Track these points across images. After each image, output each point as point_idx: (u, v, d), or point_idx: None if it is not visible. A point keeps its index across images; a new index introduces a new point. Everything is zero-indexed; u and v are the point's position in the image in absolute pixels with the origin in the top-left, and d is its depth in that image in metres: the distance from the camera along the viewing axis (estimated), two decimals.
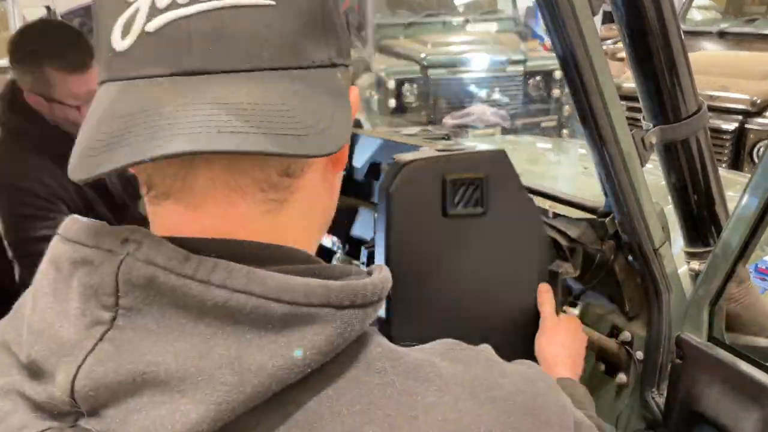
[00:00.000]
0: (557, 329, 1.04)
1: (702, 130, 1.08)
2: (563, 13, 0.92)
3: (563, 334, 1.03)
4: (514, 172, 1.01)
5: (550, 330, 1.03)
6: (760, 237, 0.93)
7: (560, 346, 1.01)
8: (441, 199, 0.95)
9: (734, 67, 4.06)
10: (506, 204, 1.01)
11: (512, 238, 1.04)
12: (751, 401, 0.94)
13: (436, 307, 0.98)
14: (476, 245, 1.00)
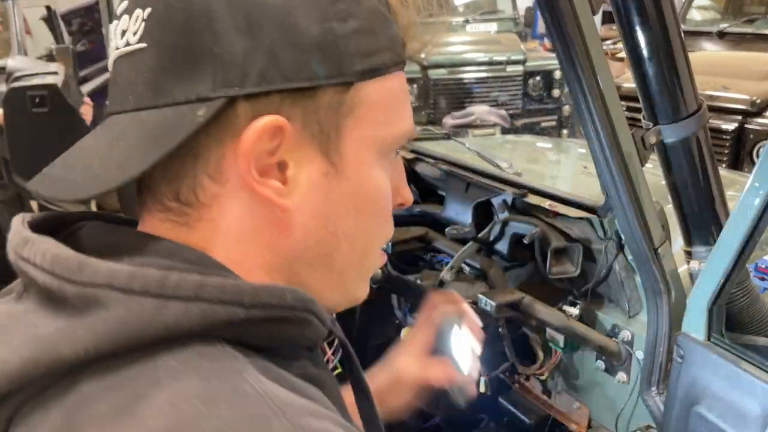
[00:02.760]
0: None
1: (702, 129, 1.08)
2: (563, 14, 0.92)
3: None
4: None
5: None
6: (759, 236, 0.93)
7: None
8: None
9: (734, 67, 4.06)
10: None
11: None
12: (751, 401, 0.94)
13: None
14: None
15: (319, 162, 0.50)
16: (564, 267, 1.25)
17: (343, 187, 0.52)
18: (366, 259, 0.57)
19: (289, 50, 0.47)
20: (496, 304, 1.24)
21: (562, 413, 1.43)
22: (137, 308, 0.42)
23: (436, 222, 1.61)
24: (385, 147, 0.54)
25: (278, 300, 0.46)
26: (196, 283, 0.43)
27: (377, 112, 0.52)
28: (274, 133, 0.47)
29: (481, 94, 5.64)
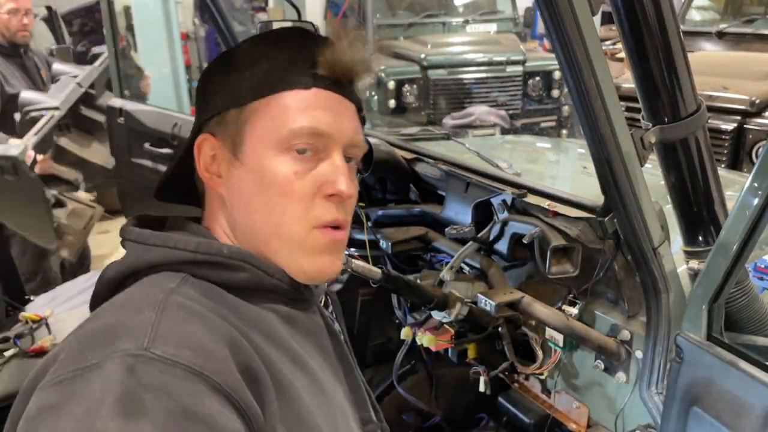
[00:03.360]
0: None
1: (701, 130, 1.08)
2: (563, 14, 0.93)
3: None
4: None
5: None
6: (759, 236, 0.93)
7: None
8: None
9: (733, 67, 4.06)
10: None
11: None
12: (751, 400, 0.94)
13: None
14: None
15: (230, 160, 0.79)
16: (563, 267, 1.25)
17: (246, 175, 0.77)
18: (284, 232, 0.77)
19: (211, 97, 0.82)
20: (496, 304, 1.24)
21: (562, 412, 1.43)
22: (137, 250, 0.75)
23: (436, 222, 1.61)
24: (280, 142, 0.76)
25: (216, 250, 0.75)
26: (165, 237, 0.75)
27: (266, 119, 0.77)
28: (210, 146, 0.80)
29: (480, 95, 5.64)
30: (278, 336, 0.75)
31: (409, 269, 1.64)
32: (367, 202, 1.78)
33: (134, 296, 0.70)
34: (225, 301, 0.72)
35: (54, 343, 1.52)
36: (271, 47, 0.80)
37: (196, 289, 0.71)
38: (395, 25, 6.50)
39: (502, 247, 1.39)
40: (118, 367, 0.57)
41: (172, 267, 0.73)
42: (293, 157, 0.76)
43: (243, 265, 0.75)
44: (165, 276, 0.72)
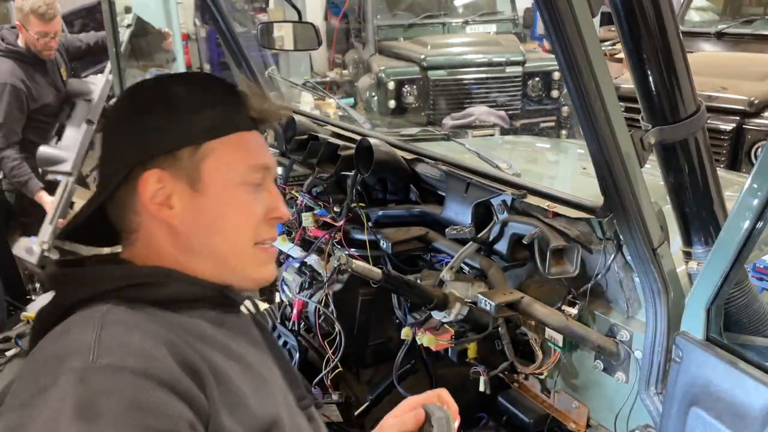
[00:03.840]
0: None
1: (700, 130, 1.08)
2: (562, 15, 0.93)
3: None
4: None
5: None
6: (758, 237, 0.93)
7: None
8: None
9: (732, 67, 4.06)
10: None
11: None
12: (749, 400, 0.95)
13: None
14: None
15: (187, 191, 0.86)
16: (563, 267, 1.26)
17: (207, 202, 0.86)
18: (240, 249, 0.89)
19: (150, 135, 0.87)
20: (496, 304, 1.25)
21: (561, 412, 1.44)
22: (62, 291, 0.82)
23: (436, 222, 1.61)
24: (241, 175, 0.88)
25: (135, 273, 0.83)
26: (88, 273, 0.84)
27: (226, 155, 0.87)
28: (158, 180, 0.85)
29: (480, 95, 5.64)
30: (210, 336, 0.83)
31: (409, 269, 1.64)
32: (367, 202, 1.78)
33: (72, 324, 0.76)
34: (156, 316, 0.79)
35: None
36: (212, 94, 0.91)
37: (127, 309, 0.78)
38: (395, 26, 6.50)
39: (502, 248, 1.39)
40: (71, 381, 0.65)
41: (100, 300, 0.78)
42: (247, 187, 0.89)
43: (165, 280, 0.84)
44: (94, 308, 0.77)
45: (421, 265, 1.67)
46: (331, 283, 1.74)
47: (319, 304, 1.76)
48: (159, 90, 0.91)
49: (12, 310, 1.84)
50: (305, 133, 1.99)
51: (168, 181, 0.86)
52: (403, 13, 6.67)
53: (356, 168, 1.70)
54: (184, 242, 0.87)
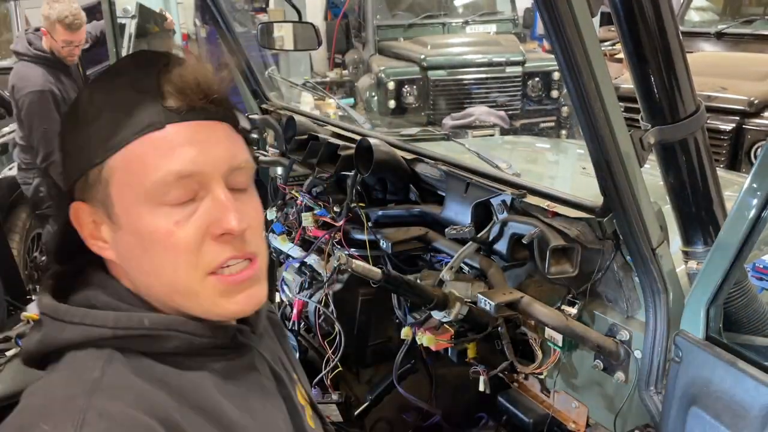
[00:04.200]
0: None
1: (700, 130, 1.08)
2: (562, 15, 0.93)
3: None
4: None
5: None
6: (757, 237, 0.94)
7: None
8: None
9: (732, 67, 4.06)
10: None
11: None
12: (749, 400, 0.95)
13: None
14: None
15: (108, 223, 0.73)
16: (563, 267, 1.26)
17: (126, 237, 0.72)
18: (181, 286, 0.72)
19: (66, 160, 0.74)
20: (495, 304, 1.25)
21: (561, 412, 1.44)
22: (53, 327, 0.71)
23: (436, 222, 1.61)
24: (149, 196, 0.70)
25: (137, 323, 0.70)
26: (82, 313, 0.70)
27: (127, 174, 0.70)
28: (80, 212, 0.74)
29: (480, 95, 5.64)
30: (210, 405, 0.71)
31: (409, 269, 1.64)
32: (367, 202, 1.78)
33: (56, 397, 0.65)
34: (154, 375, 0.69)
35: None
36: (111, 90, 0.72)
37: (121, 369, 0.68)
38: (395, 26, 6.51)
39: (502, 248, 1.39)
40: None
41: (94, 345, 0.69)
42: (169, 207, 0.70)
43: (169, 333, 0.71)
44: (88, 357, 0.68)
45: (421, 265, 1.67)
46: (331, 283, 1.74)
47: (319, 304, 1.76)
48: (77, 98, 0.75)
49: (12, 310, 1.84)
50: (305, 133, 1.99)
51: (92, 213, 0.73)
52: (403, 13, 6.67)
53: (356, 168, 1.70)
54: (131, 279, 0.75)
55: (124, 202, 0.70)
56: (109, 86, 0.74)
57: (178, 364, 0.72)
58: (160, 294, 0.73)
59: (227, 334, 0.76)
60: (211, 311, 0.74)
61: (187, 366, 0.72)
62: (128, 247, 0.72)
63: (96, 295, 0.74)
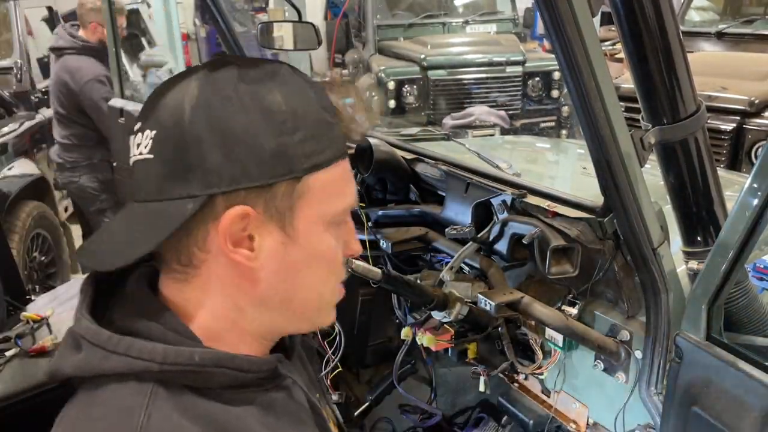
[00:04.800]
0: None
1: (700, 130, 1.08)
2: (562, 15, 0.93)
3: None
4: None
5: None
6: (758, 237, 0.93)
7: None
8: None
9: (733, 67, 4.06)
10: None
11: None
12: (750, 400, 0.95)
13: None
14: None
15: (277, 234, 0.71)
16: (563, 267, 1.26)
17: (297, 251, 0.73)
18: (322, 300, 0.79)
19: (252, 160, 0.67)
20: (496, 304, 1.25)
21: (561, 412, 1.44)
22: (94, 353, 0.67)
23: (436, 222, 1.61)
24: (330, 219, 0.74)
25: (187, 359, 0.68)
26: (127, 343, 0.67)
27: (322, 195, 0.72)
28: (242, 218, 0.68)
29: (480, 95, 5.64)
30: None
31: (409, 269, 1.64)
32: (367, 202, 1.78)
33: (103, 417, 0.65)
34: (199, 413, 0.68)
35: (55, 343, 1.52)
36: (306, 102, 0.71)
37: (167, 409, 0.66)
38: (395, 26, 6.51)
39: (502, 248, 1.39)
40: None
41: (137, 378, 0.67)
42: (335, 229, 0.76)
43: (215, 370, 0.70)
44: (131, 394, 0.66)
45: (421, 265, 1.67)
46: None
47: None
48: (265, 98, 0.69)
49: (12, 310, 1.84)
50: None
51: (254, 220, 0.69)
52: (403, 13, 6.67)
53: (356, 168, 1.70)
54: (261, 293, 0.73)
55: (309, 218, 0.72)
56: (300, 97, 0.71)
57: (221, 399, 0.71)
58: (295, 308, 0.77)
59: (270, 367, 0.76)
60: (324, 322, 0.81)
61: (231, 400, 0.71)
62: (293, 260, 0.73)
63: (139, 320, 0.71)
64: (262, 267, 0.72)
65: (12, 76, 4.11)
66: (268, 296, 0.74)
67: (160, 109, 0.69)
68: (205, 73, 0.71)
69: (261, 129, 0.68)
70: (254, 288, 0.73)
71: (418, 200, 1.74)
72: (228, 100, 0.68)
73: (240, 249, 0.70)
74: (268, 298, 0.74)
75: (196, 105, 0.68)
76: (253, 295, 0.74)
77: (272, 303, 0.75)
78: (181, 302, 0.73)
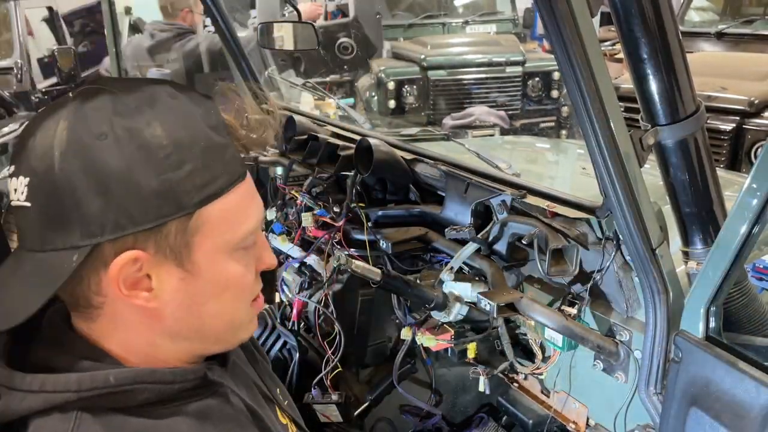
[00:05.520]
0: None
1: (700, 130, 1.08)
2: (562, 15, 0.93)
3: None
4: None
5: None
6: (757, 237, 0.93)
7: None
8: None
9: (732, 67, 4.06)
10: None
11: None
12: (750, 400, 0.95)
13: None
14: None
15: (176, 271, 0.69)
16: (562, 267, 1.26)
17: (200, 284, 0.71)
18: (235, 323, 0.77)
19: (134, 203, 0.63)
20: (496, 305, 1.25)
21: (561, 412, 1.44)
22: (11, 398, 0.67)
23: (436, 222, 1.61)
24: (233, 246, 0.71)
25: (103, 382, 0.67)
26: (40, 380, 0.66)
27: (221, 225, 0.69)
28: (134, 262, 0.66)
29: (480, 95, 5.64)
30: None
31: (409, 269, 1.64)
32: (367, 202, 1.78)
33: None
34: (131, 428, 0.68)
35: None
36: (188, 128, 0.66)
37: (92, 429, 0.66)
38: (395, 26, 6.51)
39: (502, 248, 1.39)
40: None
41: (59, 410, 0.66)
42: (242, 252, 0.73)
43: (136, 387, 0.69)
44: (55, 424, 0.66)
45: (421, 265, 1.67)
46: (330, 283, 1.74)
47: (318, 304, 1.76)
48: (140, 134, 0.64)
49: None
50: (305, 133, 1.99)
51: (147, 262, 0.67)
52: (403, 13, 6.67)
53: (356, 168, 1.70)
54: (169, 327, 0.73)
55: (209, 250, 0.69)
56: (185, 124, 0.66)
57: (150, 414, 0.70)
58: (209, 335, 0.76)
59: (197, 375, 0.75)
60: (242, 338, 0.80)
61: (159, 414, 0.70)
62: (196, 293, 0.71)
63: (53, 354, 0.71)
64: (166, 304, 0.70)
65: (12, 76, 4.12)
66: (178, 329, 0.73)
67: (30, 154, 0.64)
68: (75, 106, 0.64)
69: (141, 168, 0.63)
70: (161, 323, 0.72)
71: (418, 200, 1.74)
72: (102, 138, 0.62)
73: (137, 291, 0.69)
74: (178, 330, 0.73)
75: (66, 150, 0.62)
76: (162, 330, 0.73)
77: (184, 333, 0.74)
78: (93, 334, 0.73)
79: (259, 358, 0.99)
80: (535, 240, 1.27)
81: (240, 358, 0.91)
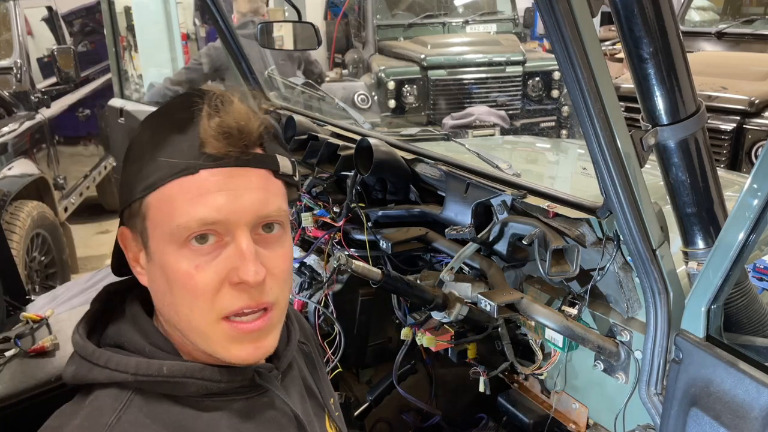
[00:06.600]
0: None
1: (700, 130, 1.08)
2: (562, 15, 0.93)
3: None
4: None
5: None
6: (758, 237, 0.93)
7: None
8: None
9: (733, 67, 4.06)
10: None
11: None
12: (750, 400, 0.95)
13: None
14: None
15: (143, 253, 0.78)
16: (563, 267, 1.25)
17: (156, 270, 0.76)
18: (194, 326, 0.76)
19: (122, 186, 0.79)
20: (496, 305, 1.25)
21: (561, 413, 1.43)
22: (82, 366, 0.77)
23: (436, 222, 1.61)
24: (174, 237, 0.73)
25: (156, 371, 0.74)
26: (107, 357, 0.76)
27: (158, 213, 0.74)
28: (123, 237, 0.81)
29: (480, 95, 5.64)
30: None
31: (409, 269, 1.64)
32: (367, 202, 1.78)
33: (80, 418, 0.73)
34: (170, 419, 0.74)
35: (54, 343, 1.52)
36: (157, 130, 0.76)
37: (137, 414, 0.73)
38: (395, 26, 6.51)
39: (502, 248, 1.39)
40: None
41: (118, 386, 0.75)
42: (192, 250, 0.72)
43: (186, 381, 0.76)
44: (109, 399, 0.74)
45: (421, 265, 1.67)
46: (330, 283, 1.74)
47: (318, 304, 1.75)
48: (135, 133, 0.81)
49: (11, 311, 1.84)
50: (305, 133, 1.99)
51: (130, 238, 0.80)
52: (403, 13, 6.67)
53: (356, 168, 1.70)
54: (163, 314, 0.80)
55: (156, 238, 0.75)
56: (156, 126, 0.78)
57: (196, 406, 0.77)
58: (179, 328, 0.78)
59: (245, 377, 0.79)
60: (219, 354, 0.77)
61: (204, 407, 0.77)
62: (156, 279, 0.77)
63: (127, 331, 0.81)
64: (151, 283, 0.79)
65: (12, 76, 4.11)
66: (168, 316, 0.79)
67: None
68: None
69: (123, 159, 0.80)
70: (159, 308, 0.80)
71: (418, 200, 1.74)
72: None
73: (137, 266, 0.81)
74: (168, 318, 0.79)
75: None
76: (162, 315, 0.80)
77: (166, 319, 0.80)
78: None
79: (319, 366, 1.03)
80: (536, 240, 1.27)
81: (299, 363, 0.95)
